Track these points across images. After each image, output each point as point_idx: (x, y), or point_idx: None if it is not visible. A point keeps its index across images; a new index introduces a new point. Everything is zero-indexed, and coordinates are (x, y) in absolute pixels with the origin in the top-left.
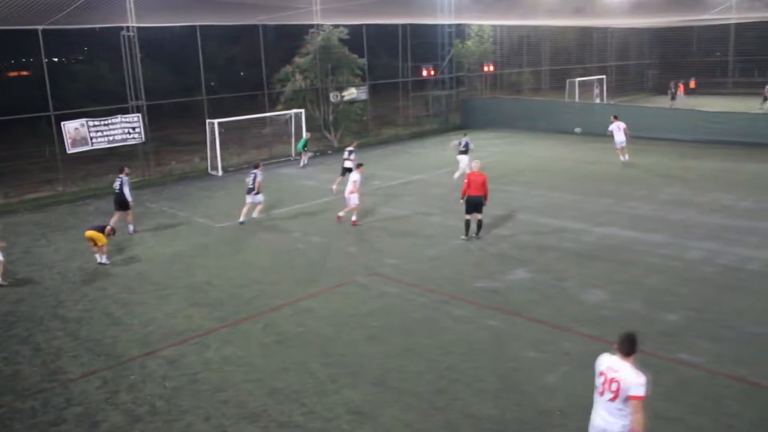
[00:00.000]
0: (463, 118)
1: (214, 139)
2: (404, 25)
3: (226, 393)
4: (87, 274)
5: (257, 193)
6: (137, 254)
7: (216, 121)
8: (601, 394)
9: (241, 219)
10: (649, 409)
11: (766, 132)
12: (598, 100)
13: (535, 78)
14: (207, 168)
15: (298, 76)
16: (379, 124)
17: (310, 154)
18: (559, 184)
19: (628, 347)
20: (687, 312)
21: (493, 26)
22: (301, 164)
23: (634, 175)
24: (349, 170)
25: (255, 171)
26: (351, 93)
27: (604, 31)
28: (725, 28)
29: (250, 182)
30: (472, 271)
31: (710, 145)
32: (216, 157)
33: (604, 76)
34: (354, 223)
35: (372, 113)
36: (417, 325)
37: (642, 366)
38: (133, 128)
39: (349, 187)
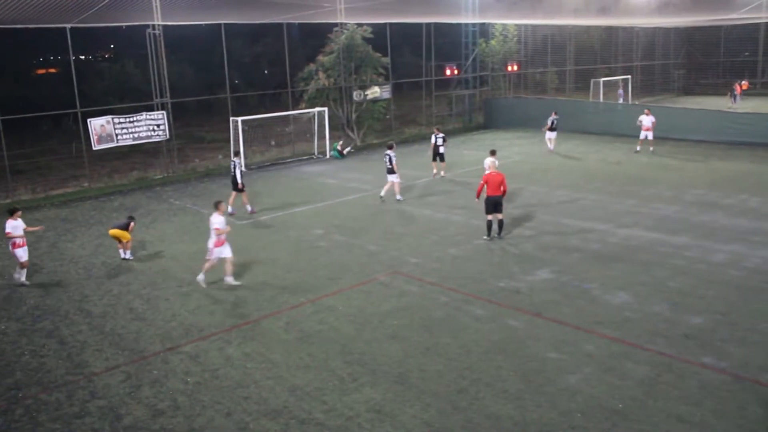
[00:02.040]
0: (487, 118)
1: (238, 136)
2: (428, 24)
3: (247, 389)
4: (111, 269)
5: (393, 173)
6: (161, 251)
7: (240, 118)
8: None
9: (382, 193)
10: (670, 411)
11: None
12: (621, 101)
13: (559, 78)
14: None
15: (321, 75)
16: (401, 123)
17: (349, 149)
18: (582, 184)
19: None
20: (712, 315)
21: (518, 25)
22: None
23: (659, 176)
24: (442, 155)
25: (389, 152)
26: (374, 92)
27: (630, 30)
28: (754, 27)
29: (387, 162)
30: (494, 271)
31: (736, 146)
32: (240, 154)
33: (629, 77)
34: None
35: (395, 112)
36: (438, 324)
37: (665, 369)
38: (158, 125)
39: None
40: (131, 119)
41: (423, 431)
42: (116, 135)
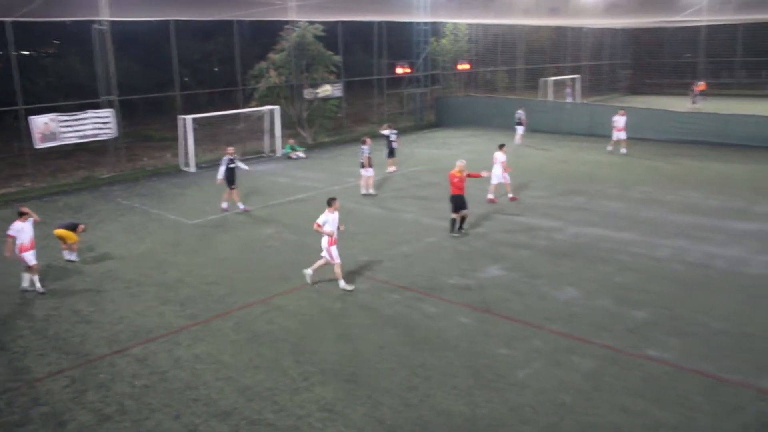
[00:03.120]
0: (438, 116)
1: (187, 135)
2: (380, 23)
3: (197, 391)
4: (55, 271)
5: (369, 167)
6: (108, 252)
7: (188, 117)
8: None
9: (362, 191)
10: (615, 402)
11: (734, 133)
12: (569, 99)
13: (509, 77)
14: (179, 164)
15: (272, 73)
16: (353, 122)
17: (300, 154)
18: (532, 182)
19: None
20: (655, 309)
21: (469, 25)
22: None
23: (605, 173)
24: (393, 150)
25: (364, 147)
26: (326, 90)
27: (579, 31)
28: (696, 30)
29: (361, 158)
30: (445, 268)
31: (680, 144)
32: (188, 153)
33: (578, 76)
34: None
35: (347, 110)
36: (389, 322)
37: (611, 362)
38: (105, 123)
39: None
40: (76, 117)
41: (374, 429)
42: (60, 133)
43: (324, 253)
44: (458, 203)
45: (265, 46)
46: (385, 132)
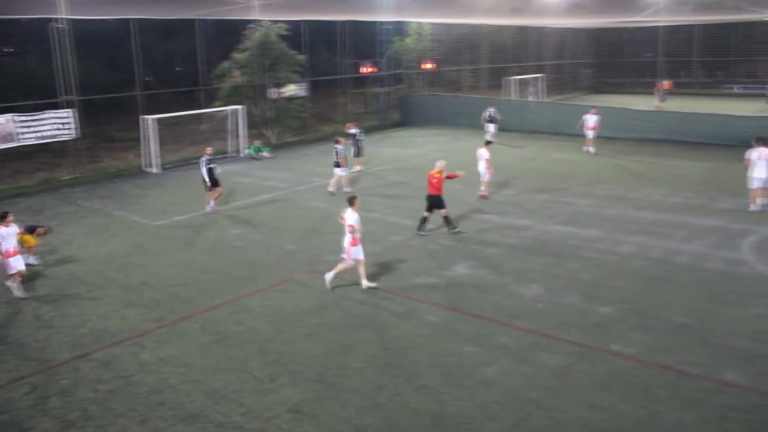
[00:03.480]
0: (402, 115)
1: (149, 135)
2: (344, 22)
3: (163, 395)
4: None
5: (339, 166)
6: (70, 255)
7: (151, 117)
8: None
9: (330, 189)
10: (582, 398)
11: (694, 131)
12: (532, 98)
13: (473, 76)
14: (141, 165)
15: (236, 72)
16: (318, 121)
17: (265, 155)
18: (497, 180)
19: None
20: (620, 304)
21: (433, 24)
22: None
23: (570, 171)
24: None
25: (337, 146)
26: (290, 89)
27: (541, 30)
28: (654, 30)
29: (335, 156)
30: (412, 267)
31: (641, 142)
32: (151, 154)
33: (542, 75)
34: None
35: (311, 110)
36: (356, 321)
37: (577, 358)
38: (64, 124)
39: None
40: (35, 117)
41: (343, 429)
42: (18, 134)
43: (345, 255)
44: (434, 203)
45: (229, 45)
46: (352, 131)
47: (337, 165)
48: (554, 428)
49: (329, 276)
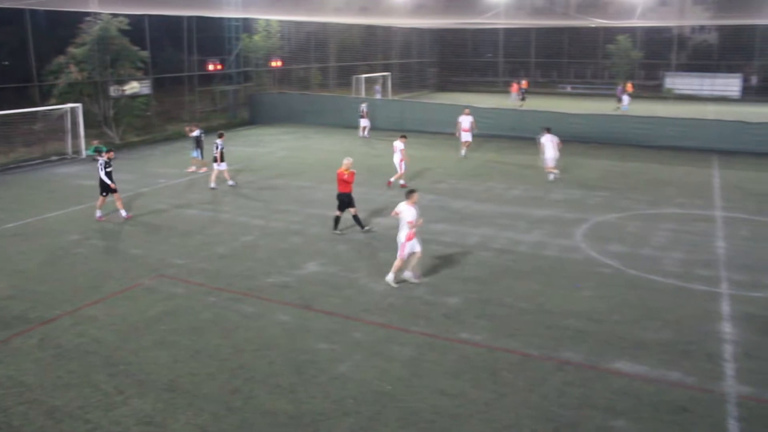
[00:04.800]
0: (252, 114)
1: None
2: (189, 18)
3: None
4: None
5: (222, 162)
6: None
7: None
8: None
9: (212, 185)
10: (434, 386)
11: (531, 127)
12: (378, 96)
13: (322, 74)
14: None
15: (72, 68)
16: (164, 120)
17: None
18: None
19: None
20: (467, 294)
21: (281, 21)
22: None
23: (415, 167)
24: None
25: (218, 141)
26: (133, 87)
27: (389, 30)
28: (495, 32)
29: (214, 150)
30: (262, 267)
31: (484, 138)
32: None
33: (388, 73)
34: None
35: (156, 108)
36: (207, 325)
37: (428, 348)
38: None
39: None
40: None
41: None
42: None
43: (403, 251)
44: (344, 201)
45: (64, 39)
46: (195, 134)
47: (215, 160)
48: (408, 418)
49: (390, 277)
